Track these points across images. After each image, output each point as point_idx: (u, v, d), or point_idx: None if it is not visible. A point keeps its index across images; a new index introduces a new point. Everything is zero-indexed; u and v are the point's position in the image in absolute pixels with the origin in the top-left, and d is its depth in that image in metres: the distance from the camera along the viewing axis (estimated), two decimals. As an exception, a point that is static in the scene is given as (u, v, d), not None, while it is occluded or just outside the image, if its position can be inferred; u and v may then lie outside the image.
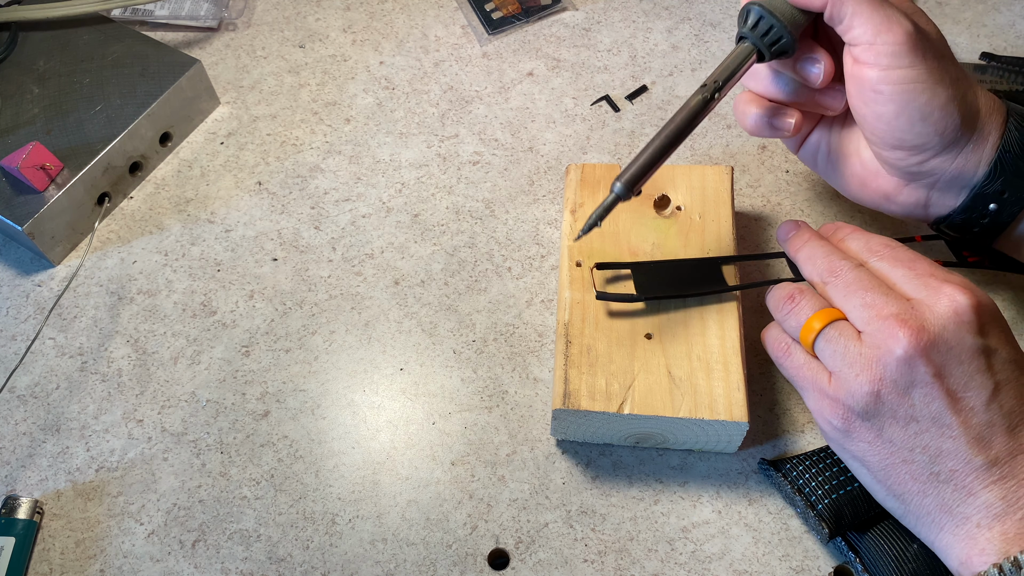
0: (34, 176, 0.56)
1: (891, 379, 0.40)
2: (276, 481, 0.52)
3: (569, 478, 0.51)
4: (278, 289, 0.58)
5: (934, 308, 0.40)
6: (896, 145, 0.46)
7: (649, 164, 0.46)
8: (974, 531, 0.40)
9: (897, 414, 0.41)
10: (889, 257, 0.44)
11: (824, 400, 0.43)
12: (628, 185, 0.46)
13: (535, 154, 0.64)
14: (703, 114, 0.46)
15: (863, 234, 0.46)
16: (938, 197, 0.48)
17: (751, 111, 0.50)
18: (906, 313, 0.40)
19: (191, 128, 0.66)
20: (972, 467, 0.40)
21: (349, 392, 0.54)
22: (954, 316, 0.40)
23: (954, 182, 0.47)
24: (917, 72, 0.44)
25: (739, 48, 0.46)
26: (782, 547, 0.49)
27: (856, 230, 0.47)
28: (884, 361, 0.40)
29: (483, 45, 0.70)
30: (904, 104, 0.44)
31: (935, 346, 0.40)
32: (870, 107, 0.45)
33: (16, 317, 0.58)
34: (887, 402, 0.40)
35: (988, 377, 0.40)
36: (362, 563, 0.49)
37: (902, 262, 0.43)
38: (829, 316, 0.43)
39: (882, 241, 0.45)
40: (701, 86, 0.46)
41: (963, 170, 0.46)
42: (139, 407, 0.54)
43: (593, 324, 0.50)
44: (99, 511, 0.51)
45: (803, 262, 0.47)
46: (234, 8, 0.72)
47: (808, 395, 0.44)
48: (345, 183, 0.63)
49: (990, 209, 0.47)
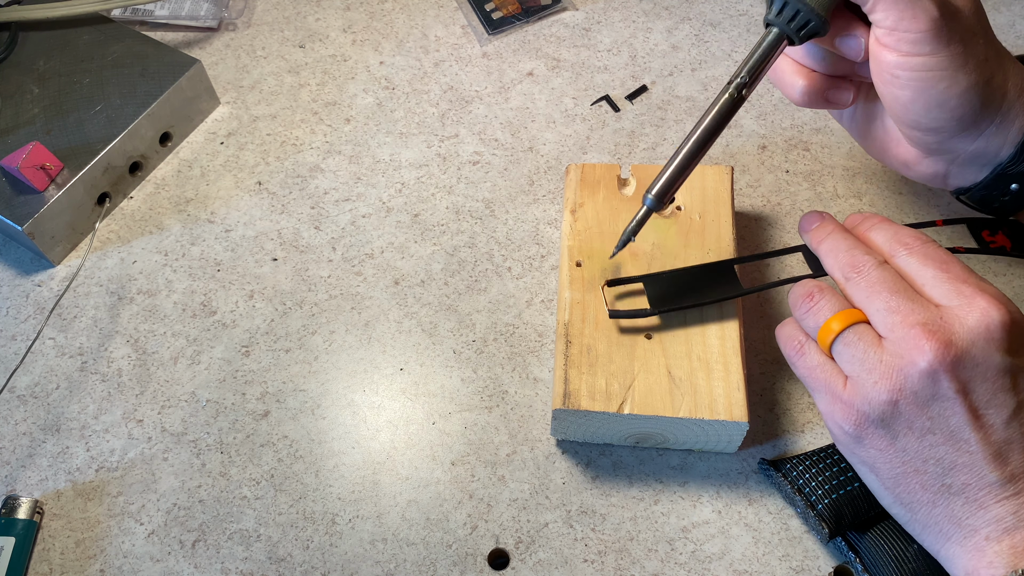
0: (34, 176, 0.56)
1: (912, 390, 0.39)
2: (276, 481, 0.52)
3: (569, 478, 0.51)
4: (278, 289, 0.58)
5: (965, 321, 0.38)
6: (912, 126, 0.46)
7: (679, 172, 0.46)
8: (982, 543, 0.39)
9: (914, 425, 0.39)
10: (919, 253, 0.41)
11: (837, 404, 0.41)
12: (659, 197, 0.46)
13: (535, 154, 0.64)
14: (732, 113, 0.46)
15: (890, 226, 0.44)
16: (958, 171, 0.47)
17: (798, 83, 0.48)
18: (934, 323, 0.38)
19: (191, 128, 0.66)
20: (986, 482, 0.39)
21: (349, 392, 0.54)
22: (984, 332, 0.38)
23: (975, 160, 0.46)
24: (937, 60, 0.42)
25: (766, 35, 0.45)
26: (782, 547, 0.49)
27: (883, 220, 0.44)
28: (906, 372, 0.38)
29: (483, 45, 0.70)
30: (920, 91, 0.43)
31: (961, 362, 0.38)
32: (887, 88, 0.45)
33: (16, 317, 0.58)
34: (904, 412, 0.39)
35: (1012, 395, 0.38)
36: (362, 563, 0.49)
37: (934, 261, 0.41)
38: (850, 318, 0.41)
39: (912, 234, 0.42)
40: (728, 83, 0.45)
41: (985, 150, 0.45)
42: (139, 407, 0.54)
43: (593, 324, 0.50)
44: (99, 511, 0.51)
45: (824, 255, 0.44)
46: (234, 8, 0.72)
47: (820, 397, 0.42)
48: (345, 183, 0.63)
49: (1011, 189, 0.46)
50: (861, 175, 0.62)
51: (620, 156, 0.63)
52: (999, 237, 0.52)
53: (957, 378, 0.38)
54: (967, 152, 0.46)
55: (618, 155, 0.63)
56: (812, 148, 0.63)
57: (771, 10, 0.45)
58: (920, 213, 0.60)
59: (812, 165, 0.62)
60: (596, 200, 0.55)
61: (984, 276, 0.57)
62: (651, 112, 0.65)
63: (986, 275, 0.57)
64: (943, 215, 0.60)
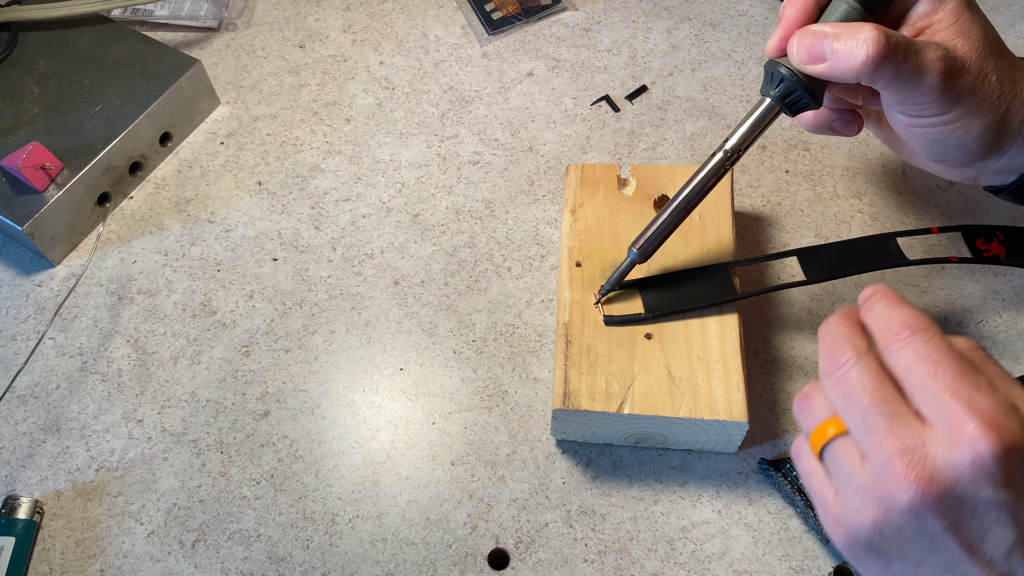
0: (34, 176, 0.56)
1: (895, 524, 0.34)
2: (276, 481, 0.52)
3: (569, 478, 0.51)
4: (278, 289, 0.58)
5: (949, 454, 0.32)
6: (933, 161, 0.46)
7: (665, 231, 0.49)
8: None
9: (906, 555, 0.35)
10: (910, 349, 0.35)
11: (829, 517, 0.37)
12: (643, 252, 0.49)
13: (535, 154, 0.64)
14: (722, 176, 0.47)
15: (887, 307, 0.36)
16: (987, 178, 0.48)
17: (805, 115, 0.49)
18: (915, 453, 0.33)
19: (191, 128, 0.66)
20: None
21: (349, 392, 0.54)
22: (971, 468, 0.32)
23: (1001, 171, 0.47)
24: (949, 117, 0.42)
25: (760, 104, 0.46)
26: (782, 547, 0.49)
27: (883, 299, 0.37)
28: (887, 505, 0.34)
29: (483, 45, 0.70)
30: (935, 141, 0.44)
31: (946, 499, 0.33)
32: (904, 135, 0.45)
33: (16, 317, 0.58)
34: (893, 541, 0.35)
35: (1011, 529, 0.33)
36: (362, 563, 0.49)
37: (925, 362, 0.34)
38: (837, 428, 0.36)
39: (906, 320, 0.35)
40: (721, 148, 0.47)
41: (1009, 166, 0.46)
42: (139, 407, 0.54)
43: (593, 324, 0.50)
44: (99, 511, 0.51)
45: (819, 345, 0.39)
46: (234, 8, 0.72)
47: (816, 504, 0.38)
48: (345, 183, 0.63)
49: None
50: (861, 175, 0.62)
51: (620, 156, 0.63)
52: (993, 245, 0.52)
53: (944, 515, 0.33)
54: (992, 167, 0.47)
55: (618, 155, 0.63)
56: (812, 148, 0.63)
57: (768, 84, 0.45)
58: (920, 213, 0.60)
59: (812, 165, 0.62)
60: (596, 200, 0.55)
61: (978, 284, 0.57)
62: (651, 112, 0.65)
63: (979, 283, 0.57)
64: (942, 215, 0.60)
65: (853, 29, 0.41)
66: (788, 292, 0.57)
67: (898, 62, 0.41)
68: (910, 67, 0.41)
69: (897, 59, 0.40)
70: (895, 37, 0.41)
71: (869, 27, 0.40)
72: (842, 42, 0.41)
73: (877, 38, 0.40)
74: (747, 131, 0.46)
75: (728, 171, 0.47)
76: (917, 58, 0.41)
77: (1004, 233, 0.53)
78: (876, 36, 0.40)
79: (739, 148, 0.46)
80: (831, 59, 0.41)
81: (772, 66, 0.45)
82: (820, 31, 0.42)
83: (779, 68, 0.44)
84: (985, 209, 0.60)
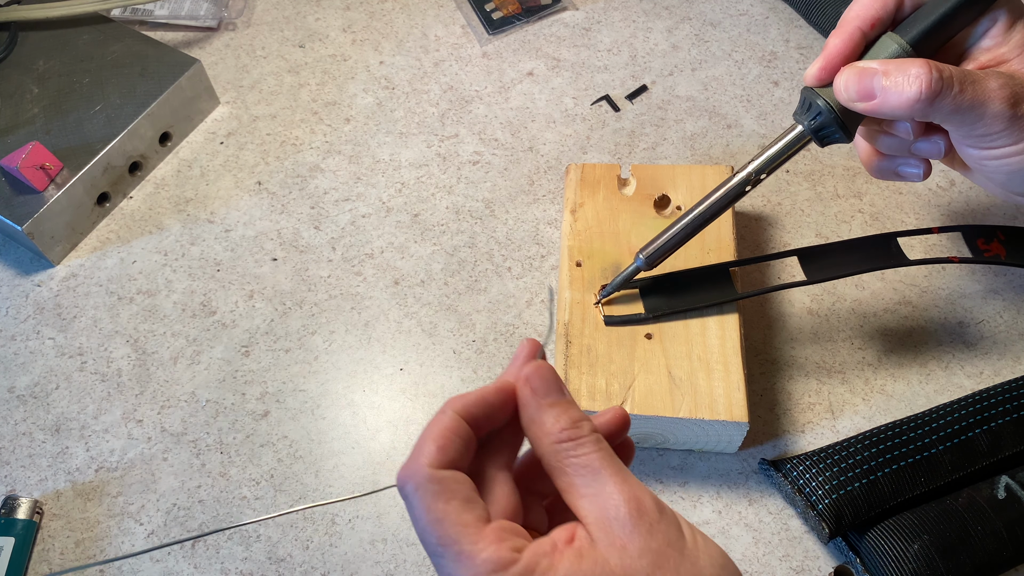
0: (34, 176, 0.56)
1: None
2: (276, 481, 0.52)
3: (569, 478, 0.51)
4: (278, 289, 0.58)
5: None
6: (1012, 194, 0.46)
7: (675, 243, 0.48)
8: None
9: None
10: None
11: None
12: (650, 260, 0.49)
13: (535, 154, 0.64)
14: (739, 198, 0.46)
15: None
16: None
17: (873, 161, 0.48)
18: None
19: (191, 128, 0.66)
20: None
21: (349, 392, 0.54)
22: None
23: None
24: (1020, 147, 0.42)
25: (790, 131, 0.45)
26: (782, 547, 0.49)
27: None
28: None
29: (483, 45, 0.70)
30: (1012, 173, 0.43)
31: None
32: (977, 170, 0.45)
33: (16, 317, 0.58)
34: None
35: None
36: (362, 563, 0.49)
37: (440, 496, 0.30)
38: None
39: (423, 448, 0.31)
40: (744, 169, 0.46)
41: None
42: (139, 407, 0.54)
43: (593, 324, 0.50)
44: (99, 511, 0.51)
45: None
46: (234, 8, 0.72)
47: None
48: (345, 183, 0.63)
49: None
50: (861, 175, 0.62)
51: (620, 156, 0.63)
52: (994, 246, 0.52)
53: None
54: None
55: (618, 155, 0.63)
56: (812, 148, 0.63)
57: (802, 112, 0.44)
58: (920, 213, 0.60)
59: (812, 165, 0.62)
60: (596, 200, 0.55)
61: (979, 284, 0.57)
62: (651, 112, 0.65)
63: (980, 283, 0.57)
64: (942, 215, 0.60)
65: (904, 65, 0.40)
66: (788, 292, 0.57)
67: (955, 94, 0.40)
68: (969, 98, 0.40)
69: (953, 91, 0.40)
70: (948, 70, 0.40)
71: (920, 62, 0.40)
72: (892, 79, 0.40)
73: (928, 72, 0.40)
74: (773, 155, 0.45)
75: (746, 193, 0.46)
76: (976, 88, 0.40)
77: (1005, 233, 0.53)
78: (927, 71, 0.40)
79: (762, 171, 0.45)
80: (881, 96, 0.41)
81: (810, 95, 0.43)
82: (868, 68, 0.41)
83: (817, 99, 0.43)
84: (986, 209, 0.60)
